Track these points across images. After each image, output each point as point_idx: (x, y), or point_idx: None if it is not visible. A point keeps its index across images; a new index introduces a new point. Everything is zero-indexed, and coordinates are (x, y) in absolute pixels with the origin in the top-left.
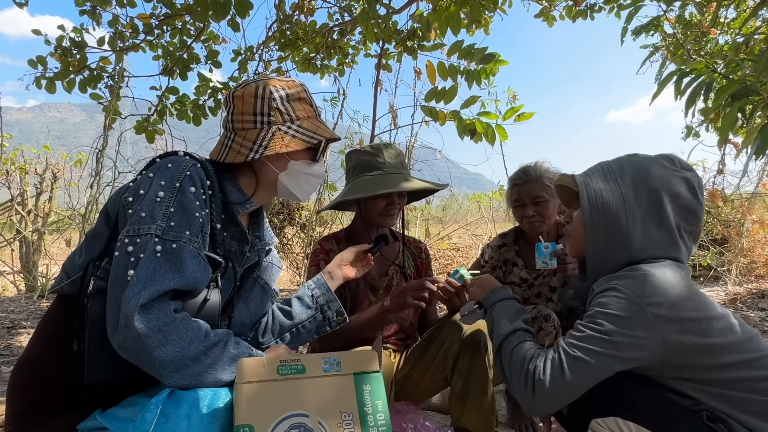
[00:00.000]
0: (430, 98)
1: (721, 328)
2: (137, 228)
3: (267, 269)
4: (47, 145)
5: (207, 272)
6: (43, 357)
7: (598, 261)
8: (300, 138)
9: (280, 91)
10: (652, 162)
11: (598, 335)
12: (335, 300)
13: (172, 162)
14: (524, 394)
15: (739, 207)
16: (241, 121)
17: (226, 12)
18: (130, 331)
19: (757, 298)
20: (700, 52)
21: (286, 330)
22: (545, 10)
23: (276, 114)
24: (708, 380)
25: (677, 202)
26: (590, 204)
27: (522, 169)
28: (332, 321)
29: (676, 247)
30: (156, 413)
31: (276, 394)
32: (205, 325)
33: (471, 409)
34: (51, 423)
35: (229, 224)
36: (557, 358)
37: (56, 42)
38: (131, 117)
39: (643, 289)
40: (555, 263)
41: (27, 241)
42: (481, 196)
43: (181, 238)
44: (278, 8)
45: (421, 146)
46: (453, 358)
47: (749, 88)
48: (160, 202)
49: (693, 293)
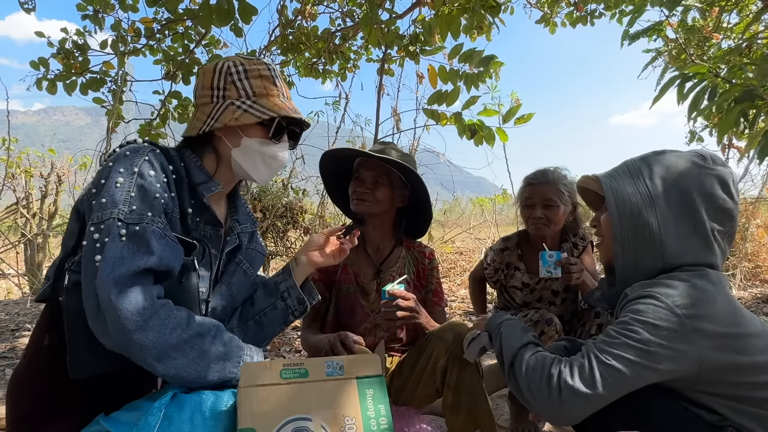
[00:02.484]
0: (433, 102)
1: (760, 347)
2: (100, 215)
3: (249, 255)
4: (52, 149)
5: (177, 252)
6: (36, 362)
7: (628, 268)
8: (252, 113)
9: (238, 66)
10: (682, 160)
11: (633, 343)
12: (295, 287)
13: (131, 150)
14: (548, 402)
15: (743, 211)
16: (201, 96)
17: (230, 18)
18: (110, 313)
19: (761, 303)
20: (703, 57)
21: (249, 318)
22: (547, 16)
23: (231, 88)
24: (739, 397)
25: (711, 204)
26: (618, 208)
27: (540, 170)
28: (294, 309)
29: (711, 252)
30: (159, 417)
31: (279, 398)
32: (189, 313)
33: (466, 419)
34: (53, 428)
35: (200, 208)
36: (587, 364)
37: (59, 44)
38: (135, 121)
39: (683, 299)
40: (559, 272)
41: (32, 244)
42: (485, 199)
43: (144, 219)
44: (280, 13)
45: (424, 150)
46: (441, 372)
47: (752, 92)
48: (120, 187)
49: (733, 307)
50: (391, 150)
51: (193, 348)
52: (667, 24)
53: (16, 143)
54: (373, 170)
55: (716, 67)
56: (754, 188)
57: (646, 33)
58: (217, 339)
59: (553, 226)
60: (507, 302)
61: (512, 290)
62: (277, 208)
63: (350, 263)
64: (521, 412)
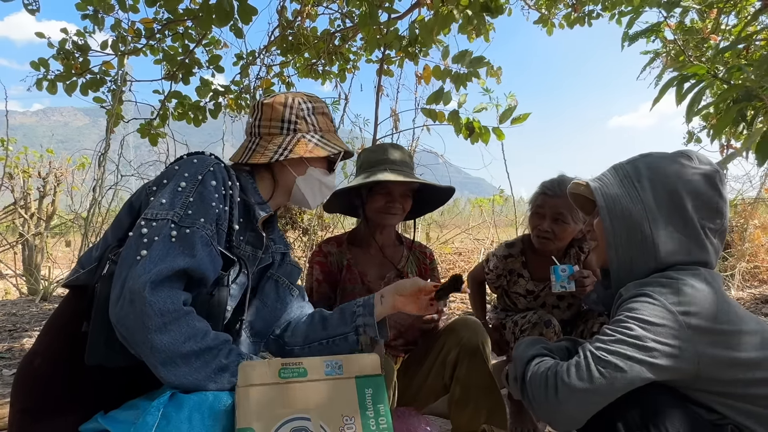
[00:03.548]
0: (431, 101)
1: (755, 343)
2: (155, 213)
3: (285, 270)
4: (51, 149)
5: (217, 262)
6: (48, 355)
7: (623, 270)
8: (323, 147)
9: (307, 104)
10: (669, 161)
11: (629, 339)
12: (374, 326)
13: (198, 158)
14: (547, 403)
15: (741, 212)
16: (268, 127)
17: (229, 18)
18: (134, 307)
19: (760, 303)
20: (702, 58)
21: (316, 339)
22: (545, 17)
23: (302, 123)
24: (735, 395)
25: (700, 202)
26: (609, 212)
27: (559, 180)
28: (365, 346)
29: (703, 249)
30: (157, 416)
31: (278, 398)
32: (207, 326)
33: (472, 415)
34: (54, 422)
35: (247, 228)
36: (583, 362)
37: (59, 45)
38: (134, 121)
39: (676, 297)
40: (573, 286)
41: (29, 245)
42: (483, 200)
43: (195, 224)
44: (280, 14)
45: (422, 150)
46: (451, 366)
47: (750, 93)
48: (181, 191)
49: (727, 305)
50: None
51: (198, 359)
52: (665, 25)
53: (15, 144)
54: (403, 185)
55: (715, 68)
56: (753, 189)
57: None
58: (221, 353)
59: (558, 242)
60: (508, 305)
61: (515, 296)
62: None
63: (354, 263)
64: (521, 412)
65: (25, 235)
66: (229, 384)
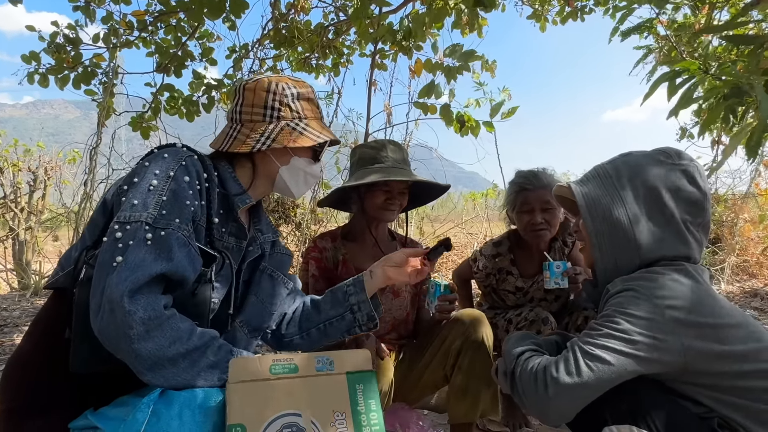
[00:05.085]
0: (423, 95)
1: (740, 336)
2: (128, 215)
3: (276, 259)
4: (41, 142)
5: (196, 262)
6: (35, 353)
7: (608, 268)
8: (307, 136)
9: (291, 89)
10: (648, 159)
11: (616, 333)
12: (367, 302)
13: (169, 152)
14: (536, 397)
15: (732, 206)
16: (250, 113)
17: (221, 11)
18: (115, 317)
19: (749, 297)
20: (694, 54)
21: (313, 325)
22: (538, 12)
23: (286, 110)
24: (722, 388)
25: (679, 196)
26: (590, 213)
27: (531, 173)
28: (362, 324)
29: (686, 244)
30: (147, 413)
31: (268, 394)
32: (192, 326)
33: (470, 406)
34: (43, 420)
35: (227, 219)
36: (571, 357)
37: (50, 38)
38: (126, 114)
39: (662, 291)
40: (566, 283)
41: (20, 239)
42: (477, 194)
43: (170, 225)
44: (273, 6)
45: (416, 145)
46: (455, 354)
47: (741, 89)
48: (153, 190)
49: (711, 299)
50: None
51: (185, 359)
52: (657, 21)
53: (4, 136)
54: (402, 183)
55: (706, 64)
56: (743, 184)
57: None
58: (210, 350)
59: (553, 230)
60: (496, 302)
61: (503, 293)
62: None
63: (350, 258)
64: (512, 406)
65: (15, 229)
66: (219, 381)
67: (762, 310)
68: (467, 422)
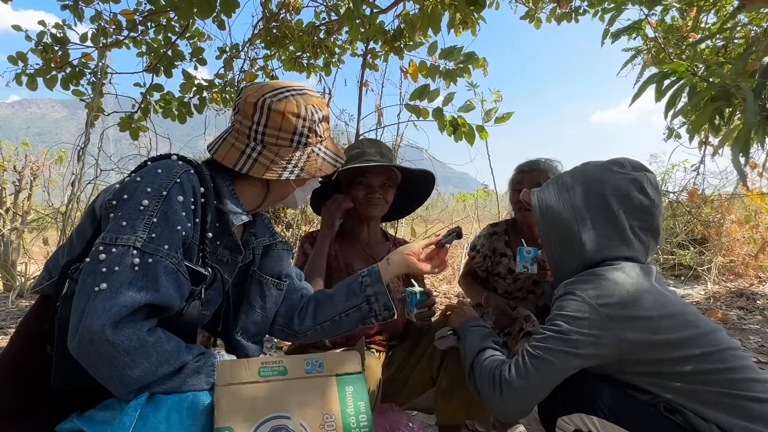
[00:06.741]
0: (415, 97)
1: (676, 324)
2: (114, 237)
3: (272, 258)
4: (26, 142)
5: (183, 288)
6: (20, 357)
7: (558, 266)
8: (329, 162)
9: (318, 113)
10: (602, 169)
11: (557, 335)
12: (384, 293)
13: (162, 167)
14: (494, 399)
15: (719, 207)
16: (275, 137)
17: (211, 10)
18: (96, 346)
19: (735, 297)
20: (681, 56)
21: (328, 317)
22: (531, 12)
23: (312, 136)
24: (663, 374)
25: (627, 204)
26: (542, 215)
27: (533, 159)
28: (379, 314)
29: (630, 246)
30: (134, 416)
31: (257, 396)
32: (178, 344)
33: (457, 407)
34: (28, 424)
35: (223, 233)
36: (520, 360)
37: (37, 38)
38: (114, 114)
39: (595, 291)
40: (535, 268)
41: (5, 240)
42: (467, 195)
43: (159, 252)
44: (264, 6)
45: (407, 145)
46: (440, 356)
47: (728, 91)
48: (143, 210)
49: (647, 292)
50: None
51: (174, 375)
52: (646, 23)
53: None
54: (380, 175)
55: (694, 66)
56: (729, 185)
57: (626, 31)
58: (190, 364)
59: None
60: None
61: (495, 279)
62: None
63: (341, 254)
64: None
65: (0, 230)
66: (207, 384)
67: (748, 310)
68: (455, 424)
